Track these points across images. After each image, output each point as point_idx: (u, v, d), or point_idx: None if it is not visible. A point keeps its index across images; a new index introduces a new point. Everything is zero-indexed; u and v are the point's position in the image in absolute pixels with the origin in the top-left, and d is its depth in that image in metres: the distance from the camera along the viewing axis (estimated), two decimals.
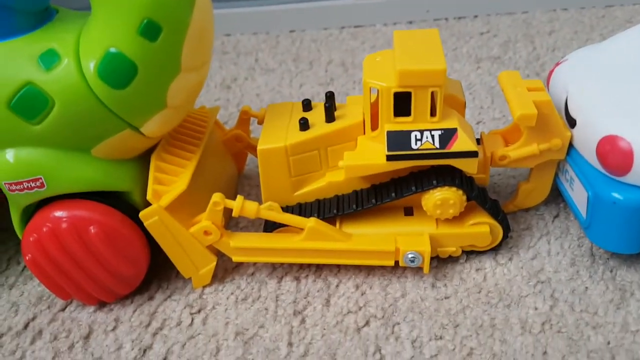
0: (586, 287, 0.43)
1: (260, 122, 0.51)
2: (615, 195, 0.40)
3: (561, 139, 0.44)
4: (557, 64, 0.49)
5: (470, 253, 0.47)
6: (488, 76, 0.75)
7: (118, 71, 0.37)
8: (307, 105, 0.48)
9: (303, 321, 0.42)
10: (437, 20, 0.91)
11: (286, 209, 0.46)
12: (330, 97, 0.46)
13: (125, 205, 0.43)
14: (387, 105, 0.42)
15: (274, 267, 0.47)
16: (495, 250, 0.47)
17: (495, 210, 0.45)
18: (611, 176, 0.41)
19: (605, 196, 0.40)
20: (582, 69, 0.46)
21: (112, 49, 0.37)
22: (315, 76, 0.79)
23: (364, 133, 0.45)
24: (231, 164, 0.56)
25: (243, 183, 0.58)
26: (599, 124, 0.41)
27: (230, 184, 0.55)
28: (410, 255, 0.43)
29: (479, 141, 0.48)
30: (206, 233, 0.43)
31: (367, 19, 0.92)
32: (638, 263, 0.44)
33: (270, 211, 0.43)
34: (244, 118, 0.55)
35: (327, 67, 0.81)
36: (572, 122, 0.44)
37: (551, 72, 0.49)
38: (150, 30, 0.37)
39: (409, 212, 0.47)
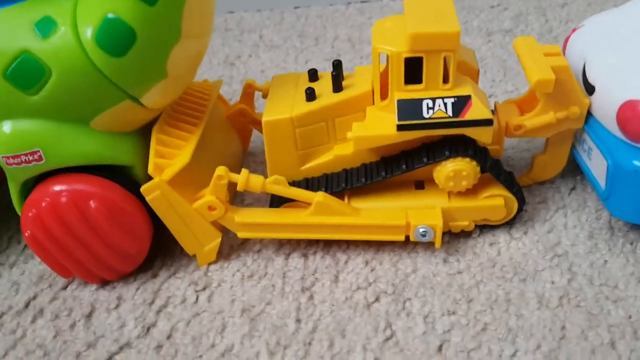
0: (605, 261, 0.41)
1: (265, 96, 0.50)
2: (637, 163, 0.38)
3: (579, 106, 0.42)
4: (574, 30, 0.47)
5: (483, 227, 0.45)
6: (500, 49, 0.72)
7: (116, 38, 0.36)
8: (313, 75, 0.46)
9: (311, 297, 0.41)
10: None
11: (293, 184, 0.44)
12: (337, 65, 0.44)
13: (127, 179, 0.41)
14: (397, 72, 0.40)
15: (280, 244, 0.46)
16: (509, 224, 0.45)
17: (510, 183, 0.43)
18: (633, 144, 0.39)
19: (627, 165, 0.39)
20: (599, 35, 0.44)
21: (110, 15, 0.36)
22: (321, 52, 0.77)
23: (373, 103, 0.43)
24: (235, 139, 0.54)
25: (248, 160, 0.57)
26: (619, 89, 0.39)
27: (235, 160, 0.53)
28: (421, 230, 0.42)
29: (493, 111, 0.46)
30: (210, 208, 0.42)
31: None
32: None
33: (277, 185, 0.42)
34: (248, 92, 0.53)
35: (333, 43, 0.79)
36: (590, 89, 0.42)
37: (567, 38, 0.47)
38: None
39: (420, 185, 0.45)
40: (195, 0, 0.37)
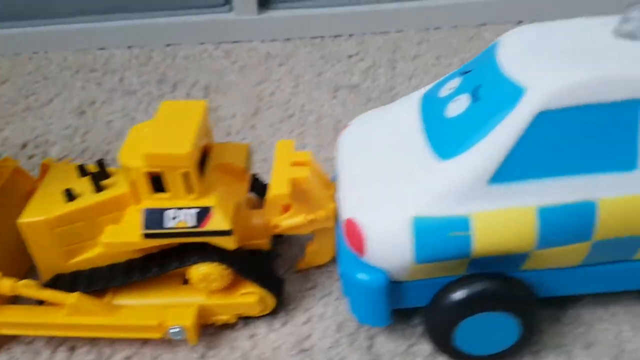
0: (342, 357, 0.44)
1: None
2: (360, 276, 0.41)
3: (326, 210, 0.45)
4: (345, 127, 0.49)
5: (249, 317, 0.47)
6: (340, 108, 0.74)
7: None
8: (82, 169, 0.47)
9: None
10: (313, 39, 0.90)
11: (58, 278, 0.45)
12: (100, 165, 0.46)
13: None
14: (142, 184, 0.42)
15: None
16: (273, 314, 0.47)
17: (264, 280, 0.45)
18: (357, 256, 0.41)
19: (351, 274, 0.41)
20: (356, 139, 0.46)
21: None
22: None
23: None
24: None
25: None
26: (346, 204, 0.42)
27: None
28: (173, 330, 0.44)
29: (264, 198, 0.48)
30: None
31: (245, 35, 0.90)
32: (396, 332, 0.45)
33: (28, 288, 0.43)
34: (45, 169, 0.54)
35: (189, 91, 0.80)
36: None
37: (340, 135, 0.49)
38: None
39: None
40: None
